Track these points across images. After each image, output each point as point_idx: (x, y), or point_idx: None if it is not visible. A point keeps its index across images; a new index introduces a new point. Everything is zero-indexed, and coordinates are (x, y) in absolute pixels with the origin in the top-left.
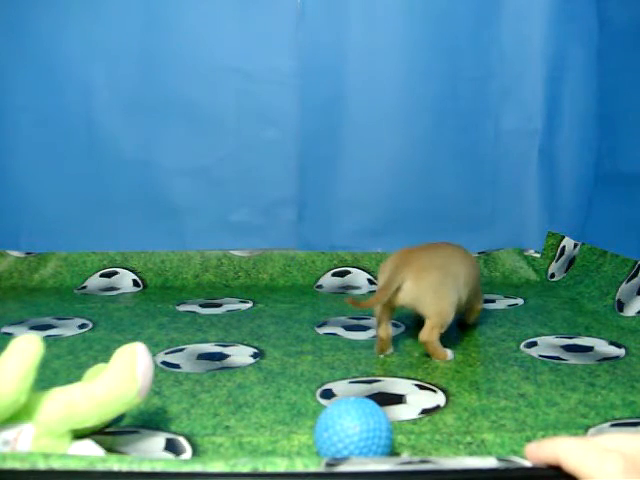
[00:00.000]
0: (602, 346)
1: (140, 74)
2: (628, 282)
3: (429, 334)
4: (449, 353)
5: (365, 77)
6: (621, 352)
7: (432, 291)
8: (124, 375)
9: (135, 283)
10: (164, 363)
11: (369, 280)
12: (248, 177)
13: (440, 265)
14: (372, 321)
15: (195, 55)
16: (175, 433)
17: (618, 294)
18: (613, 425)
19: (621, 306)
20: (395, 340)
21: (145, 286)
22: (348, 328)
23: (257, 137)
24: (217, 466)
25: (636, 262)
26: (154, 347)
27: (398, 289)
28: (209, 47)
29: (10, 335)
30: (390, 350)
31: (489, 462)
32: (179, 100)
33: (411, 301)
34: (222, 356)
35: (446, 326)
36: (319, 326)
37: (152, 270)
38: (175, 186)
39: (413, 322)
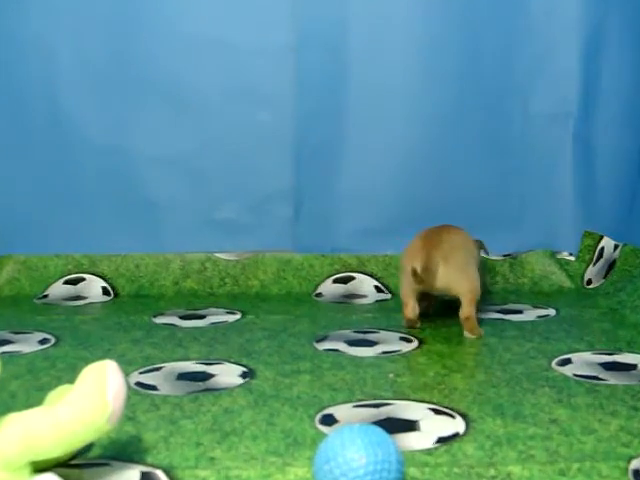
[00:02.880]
0: None
1: (111, 46)
2: None
3: (469, 309)
4: (481, 329)
5: (371, 52)
6: None
7: (461, 271)
8: (92, 398)
9: (105, 291)
10: (139, 384)
11: (376, 287)
12: (236, 167)
13: (461, 245)
14: (380, 335)
15: (175, 25)
16: (152, 466)
17: None
18: None
19: None
20: (407, 357)
21: (116, 295)
22: (352, 343)
23: (247, 120)
24: None
25: None
26: (127, 366)
27: (434, 274)
28: (192, 16)
29: None
30: (418, 324)
31: None
32: (156, 76)
33: (446, 284)
34: (206, 376)
35: (479, 298)
36: (318, 341)
37: (124, 276)
38: (151, 177)
39: (427, 335)
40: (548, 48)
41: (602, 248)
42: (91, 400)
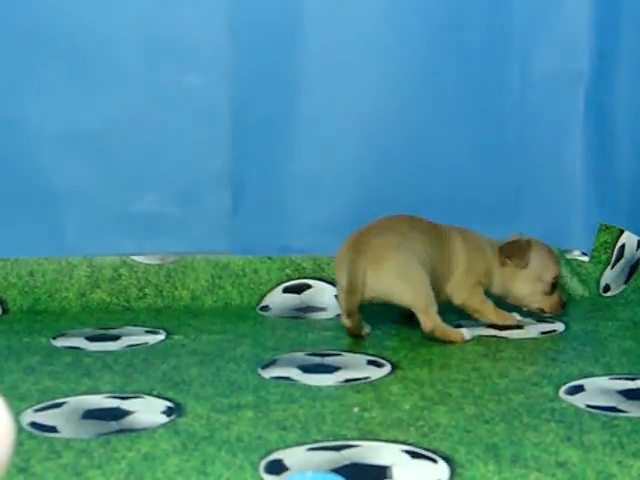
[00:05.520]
0: None
1: None
2: None
3: (428, 320)
4: (465, 332)
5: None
6: None
7: (398, 277)
8: None
9: None
10: (34, 425)
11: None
12: (158, 145)
13: (397, 244)
14: (342, 358)
15: None
16: None
17: None
18: None
19: None
20: (377, 386)
21: (5, 310)
22: (307, 369)
23: (171, 85)
24: None
25: None
26: (18, 401)
27: (363, 284)
28: None
29: None
30: (367, 329)
31: None
32: (55, 29)
33: (380, 294)
34: (120, 413)
35: (435, 303)
36: (264, 367)
37: (15, 286)
38: (49, 159)
39: (402, 358)
40: None
41: (622, 246)
42: None
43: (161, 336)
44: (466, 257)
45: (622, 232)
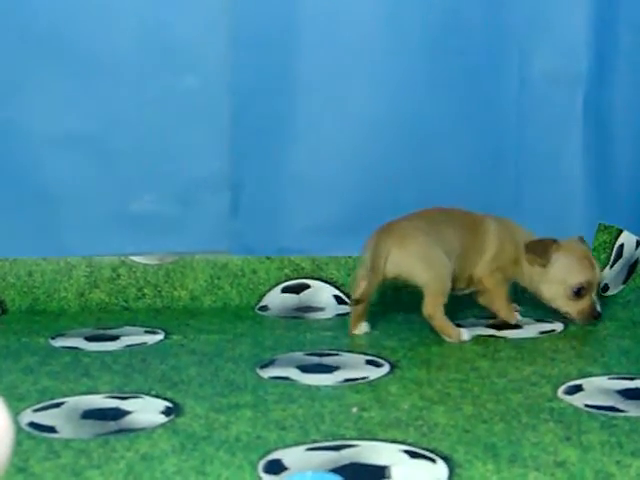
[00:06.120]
0: None
1: None
2: None
3: (432, 305)
4: (464, 332)
5: (327, 1)
6: None
7: (420, 257)
8: None
9: None
10: (32, 425)
11: (337, 297)
12: (156, 146)
13: (426, 229)
14: (341, 358)
15: None
16: None
17: None
18: None
19: None
20: (376, 385)
21: (4, 311)
22: (305, 369)
23: (169, 88)
24: None
25: None
26: (17, 401)
27: (385, 262)
28: None
29: None
30: (365, 328)
31: None
32: (52, 33)
33: (400, 272)
34: (119, 413)
35: (446, 294)
36: (263, 367)
37: (14, 287)
38: (48, 161)
39: (400, 358)
40: None
41: (621, 245)
42: None
43: (160, 336)
44: (497, 242)
45: (621, 232)
